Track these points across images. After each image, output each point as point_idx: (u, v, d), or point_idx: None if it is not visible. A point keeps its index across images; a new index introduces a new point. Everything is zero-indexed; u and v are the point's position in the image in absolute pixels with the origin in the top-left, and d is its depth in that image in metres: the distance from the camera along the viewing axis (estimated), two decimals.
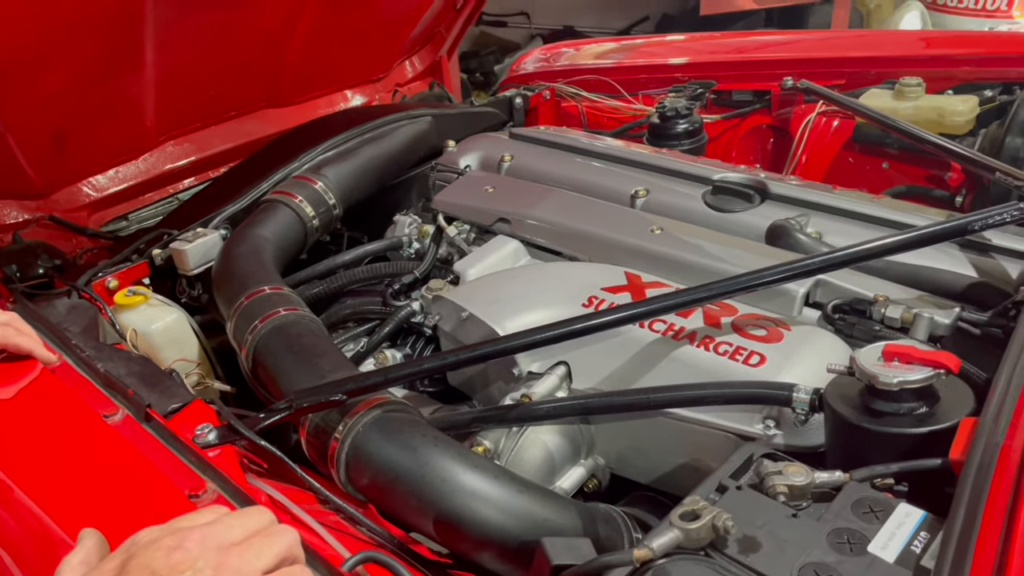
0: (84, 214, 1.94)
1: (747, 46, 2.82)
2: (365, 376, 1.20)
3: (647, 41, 3.55)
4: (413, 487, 1.04)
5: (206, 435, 1.08)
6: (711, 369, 1.18)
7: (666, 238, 1.46)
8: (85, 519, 0.84)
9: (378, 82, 2.54)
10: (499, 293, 1.42)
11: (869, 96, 2.04)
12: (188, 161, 2.11)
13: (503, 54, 4.80)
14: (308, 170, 1.81)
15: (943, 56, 2.17)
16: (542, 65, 2.73)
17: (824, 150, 2.13)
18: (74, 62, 1.63)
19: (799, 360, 1.16)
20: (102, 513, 0.91)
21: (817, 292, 1.31)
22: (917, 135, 1.75)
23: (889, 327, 1.22)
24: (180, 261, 1.62)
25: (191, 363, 1.49)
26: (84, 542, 0.76)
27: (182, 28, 1.78)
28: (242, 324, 1.37)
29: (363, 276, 1.69)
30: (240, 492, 0.96)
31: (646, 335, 1.25)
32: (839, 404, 0.99)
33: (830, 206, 1.53)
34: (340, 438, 1.10)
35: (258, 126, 2.24)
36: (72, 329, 1.38)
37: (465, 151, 1.94)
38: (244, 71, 2.07)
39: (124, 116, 1.89)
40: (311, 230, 1.70)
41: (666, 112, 2.09)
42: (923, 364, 0.96)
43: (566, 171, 1.78)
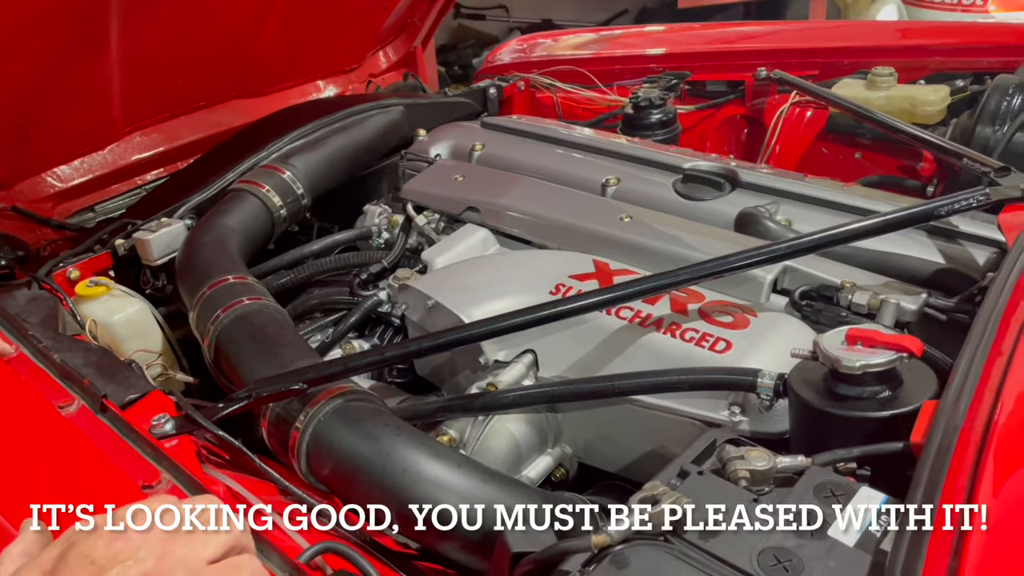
0: (49, 205, 1.90)
1: (723, 37, 2.82)
2: (327, 365, 1.19)
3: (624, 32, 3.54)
4: (375, 477, 1.03)
5: (162, 426, 1.07)
6: (677, 356, 1.17)
7: (635, 226, 1.45)
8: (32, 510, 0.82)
9: (351, 72, 2.51)
10: (466, 281, 1.40)
11: (842, 86, 2.04)
12: (156, 152, 2.08)
13: (481, 47, 4.77)
14: (276, 159, 1.79)
15: (915, 46, 2.18)
16: (518, 56, 2.72)
17: (797, 140, 2.13)
18: (37, 50, 1.59)
19: (765, 346, 1.16)
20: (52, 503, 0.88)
21: (785, 279, 1.31)
22: (889, 124, 1.74)
23: (856, 313, 1.22)
24: (144, 251, 1.60)
25: (152, 354, 1.46)
26: (26, 533, 0.74)
27: (149, 15, 1.75)
28: (204, 314, 1.35)
29: (331, 266, 1.67)
30: (195, 483, 0.94)
31: (613, 322, 1.24)
32: (802, 388, 0.99)
33: (800, 194, 1.53)
34: (301, 428, 1.09)
35: (228, 117, 2.21)
36: (30, 320, 1.35)
37: (436, 140, 1.92)
38: (214, 60, 2.04)
39: (89, 105, 1.86)
40: (278, 220, 1.68)
41: (640, 102, 2.08)
42: (886, 348, 0.96)
43: (537, 160, 1.77)
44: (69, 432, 1.03)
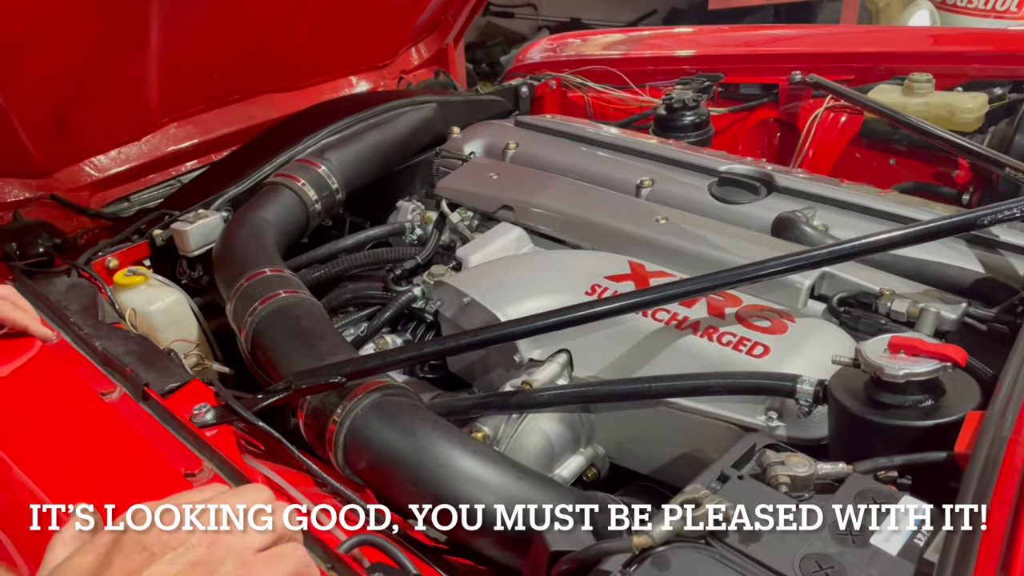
0: (86, 194, 1.93)
1: (755, 40, 2.81)
2: (365, 359, 1.19)
3: (654, 33, 3.54)
4: (411, 471, 1.03)
5: (203, 415, 1.08)
6: (714, 359, 1.17)
7: (671, 228, 1.45)
8: (80, 496, 0.83)
9: (383, 68, 2.53)
10: (501, 279, 1.41)
11: (878, 92, 2.03)
12: (191, 144, 2.10)
13: (509, 45, 4.77)
14: (311, 154, 1.80)
15: (953, 53, 2.16)
16: (548, 55, 2.72)
17: (831, 145, 2.12)
18: (78, 41, 1.61)
19: (803, 352, 1.15)
20: (97, 490, 0.90)
21: (822, 285, 1.30)
22: (927, 131, 1.73)
23: (895, 321, 1.21)
24: (181, 242, 1.61)
25: (190, 343, 1.48)
26: (77, 517, 0.75)
27: (188, 10, 1.76)
28: (242, 306, 1.36)
29: (364, 261, 1.68)
30: (237, 472, 0.96)
31: (649, 324, 1.24)
32: (844, 396, 0.98)
33: (837, 199, 1.52)
34: (338, 421, 1.10)
35: (262, 110, 2.23)
36: (71, 307, 1.37)
37: (470, 138, 1.92)
38: (250, 54, 2.06)
39: (128, 97, 1.88)
40: (313, 214, 1.69)
41: (673, 104, 2.08)
42: (930, 357, 0.95)
43: (571, 160, 1.77)
44: (112, 419, 1.04)
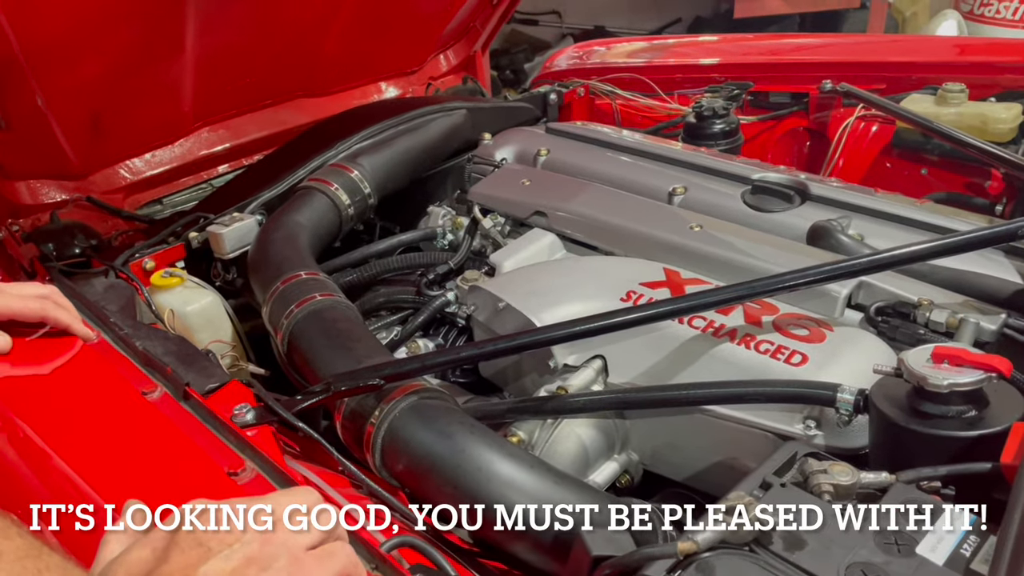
0: (120, 196, 1.95)
1: (782, 48, 2.81)
2: (402, 362, 1.20)
3: (679, 41, 3.54)
4: (448, 474, 1.04)
5: (244, 415, 1.09)
6: (751, 367, 1.17)
7: (706, 235, 1.45)
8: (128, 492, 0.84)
9: (412, 75, 2.54)
10: (536, 285, 1.41)
11: (910, 101, 2.02)
12: (223, 148, 2.12)
13: (534, 52, 4.79)
14: (344, 159, 1.81)
15: (986, 63, 2.14)
16: (575, 63, 2.73)
17: (862, 154, 2.11)
18: (116, 46, 1.63)
19: (842, 361, 1.15)
20: (145, 487, 0.91)
21: (859, 294, 1.29)
22: (962, 140, 1.72)
23: (933, 331, 1.20)
24: (216, 244, 1.63)
25: (226, 345, 1.50)
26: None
27: (223, 15, 1.78)
28: (278, 308, 1.37)
29: (397, 265, 1.69)
30: (279, 472, 0.96)
31: (685, 331, 1.24)
32: (886, 405, 0.98)
33: (872, 209, 1.51)
34: (376, 423, 1.10)
35: (292, 115, 2.25)
36: (109, 307, 1.39)
37: (501, 144, 1.93)
38: (282, 60, 2.08)
39: (162, 101, 1.91)
40: (346, 218, 1.70)
41: (703, 112, 2.08)
42: (974, 367, 0.95)
43: (603, 167, 1.77)
44: (155, 417, 1.05)
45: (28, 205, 1.79)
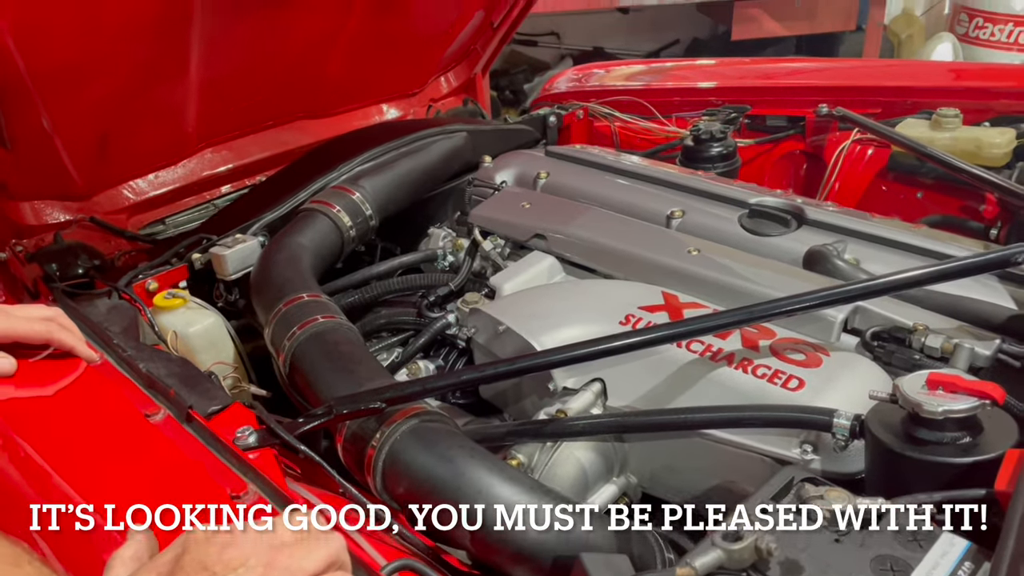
0: (123, 217, 1.97)
1: (778, 72, 2.84)
2: (404, 385, 1.21)
3: (677, 64, 3.57)
4: (449, 497, 1.05)
5: (246, 438, 1.09)
6: (749, 391, 1.18)
7: (703, 259, 1.46)
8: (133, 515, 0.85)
9: (413, 97, 2.56)
10: (536, 308, 1.43)
11: (905, 126, 2.04)
12: (225, 168, 2.14)
13: (533, 73, 4.83)
14: (346, 181, 1.83)
15: (980, 88, 2.17)
16: (575, 85, 2.76)
17: (858, 178, 2.13)
18: (122, 69, 1.65)
19: (838, 386, 1.16)
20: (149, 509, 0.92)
21: (855, 319, 1.31)
22: (957, 166, 1.75)
23: (929, 356, 1.22)
24: (219, 266, 1.64)
25: (228, 366, 1.51)
26: (134, 537, 0.77)
27: (228, 39, 1.81)
28: (280, 330, 1.38)
29: (398, 287, 1.70)
30: (281, 495, 0.97)
31: (683, 355, 1.25)
32: (881, 431, 0.99)
33: (868, 233, 1.53)
34: (377, 446, 1.11)
35: (294, 136, 2.27)
36: (113, 329, 1.40)
37: (501, 167, 1.95)
38: (285, 82, 2.10)
39: (166, 122, 1.92)
40: (348, 240, 1.72)
41: (700, 135, 2.10)
42: (968, 394, 0.96)
43: (602, 190, 1.79)
44: (159, 440, 1.06)
45: (32, 226, 1.80)
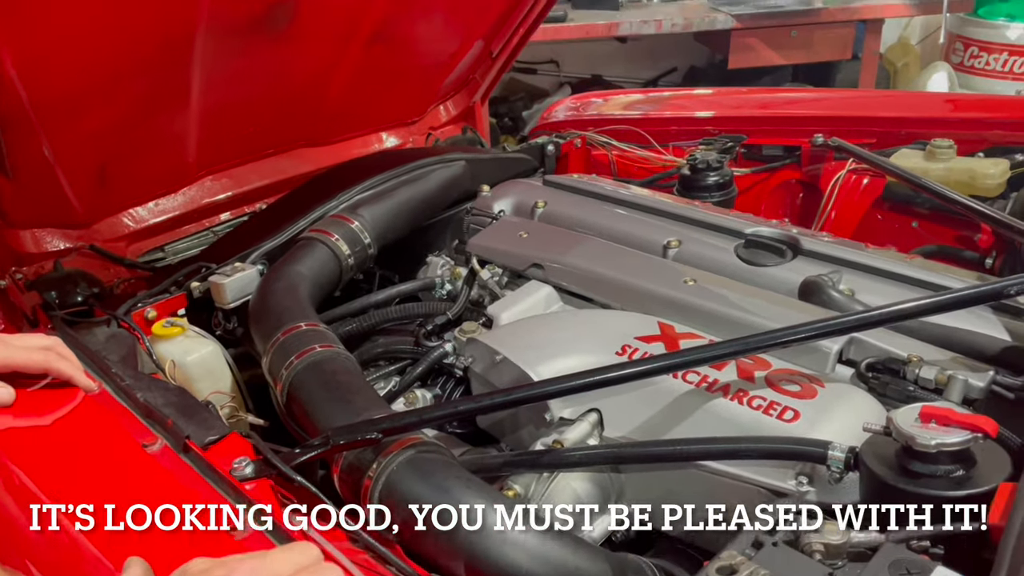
0: (123, 244, 1.98)
1: (775, 102, 2.87)
2: (400, 416, 1.22)
3: (674, 93, 3.61)
4: (445, 529, 1.05)
5: (243, 468, 1.10)
6: (744, 423, 1.18)
7: (699, 290, 1.47)
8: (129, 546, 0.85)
9: (412, 125, 2.59)
10: (533, 338, 1.43)
11: (900, 156, 2.06)
12: (225, 196, 2.15)
13: (532, 100, 4.86)
14: (345, 209, 1.84)
15: (974, 119, 2.20)
16: (572, 114, 2.78)
17: (854, 207, 2.15)
18: (124, 99, 1.67)
19: (833, 417, 1.17)
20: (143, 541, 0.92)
21: (850, 349, 1.32)
22: (949, 196, 1.76)
23: (923, 388, 1.23)
24: (218, 294, 1.65)
25: (226, 395, 1.51)
26: (131, 570, 0.77)
27: (229, 70, 1.83)
28: (278, 359, 1.39)
29: (396, 315, 1.71)
30: (276, 527, 0.97)
31: (679, 386, 1.26)
32: (875, 464, 1.00)
33: (862, 264, 1.54)
34: (373, 477, 1.11)
35: (293, 164, 2.29)
36: (111, 357, 1.40)
37: (499, 196, 1.97)
38: (285, 111, 2.12)
39: (167, 151, 1.94)
40: (346, 268, 1.73)
41: (697, 164, 2.12)
42: (961, 427, 0.97)
43: (599, 219, 1.80)
44: (155, 470, 1.07)
45: (32, 254, 1.81)
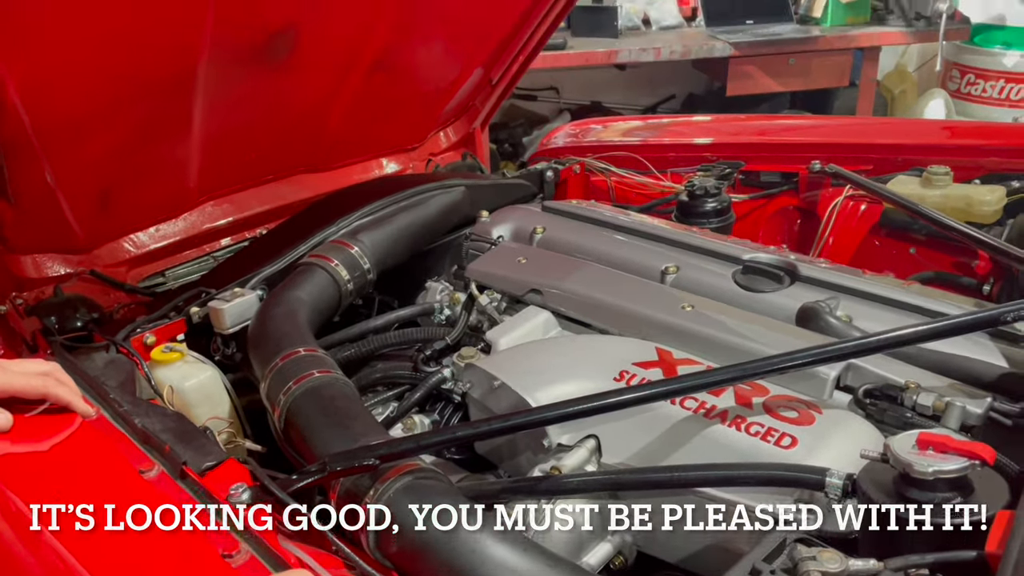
0: (123, 269, 1.98)
1: (772, 129, 2.89)
2: (398, 442, 1.21)
3: (673, 120, 3.64)
4: (442, 556, 1.04)
5: (240, 495, 1.09)
6: (742, 449, 1.18)
7: (697, 316, 1.48)
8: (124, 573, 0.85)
9: (412, 151, 2.60)
10: (531, 364, 1.43)
11: (897, 183, 2.07)
12: (226, 221, 2.16)
13: (531, 126, 4.90)
14: (345, 235, 1.85)
15: (971, 146, 2.21)
16: (572, 140, 2.80)
17: (851, 233, 2.16)
18: (127, 125, 1.69)
19: (831, 444, 1.16)
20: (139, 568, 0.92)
21: (848, 376, 1.32)
22: (946, 223, 1.77)
23: (920, 414, 1.23)
24: (217, 320, 1.65)
25: (223, 421, 1.51)
26: None
27: (231, 97, 1.84)
28: (276, 384, 1.39)
29: (394, 341, 1.71)
30: (273, 555, 0.97)
31: (677, 412, 1.26)
32: (873, 491, 0.99)
33: (860, 290, 1.54)
34: (371, 503, 1.11)
35: (294, 190, 2.30)
36: (109, 383, 1.41)
37: (498, 222, 1.98)
38: (286, 137, 2.14)
39: (169, 177, 1.95)
40: (345, 293, 1.73)
41: (695, 190, 2.14)
42: (958, 454, 0.96)
43: (597, 245, 1.81)
44: (151, 496, 1.06)
45: (32, 279, 1.81)
